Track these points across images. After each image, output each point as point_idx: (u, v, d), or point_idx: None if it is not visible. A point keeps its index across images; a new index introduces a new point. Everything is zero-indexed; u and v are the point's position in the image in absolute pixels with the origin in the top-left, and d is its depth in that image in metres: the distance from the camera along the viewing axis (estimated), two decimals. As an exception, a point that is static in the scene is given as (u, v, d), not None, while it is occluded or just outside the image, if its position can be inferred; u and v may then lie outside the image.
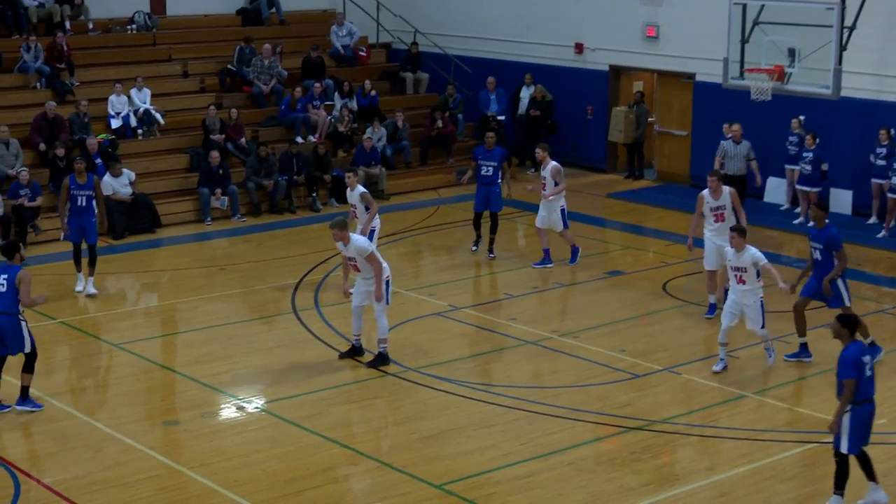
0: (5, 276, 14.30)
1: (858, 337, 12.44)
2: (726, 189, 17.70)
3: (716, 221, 17.65)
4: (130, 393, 15.33)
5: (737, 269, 15.68)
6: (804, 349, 16.20)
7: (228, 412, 14.88)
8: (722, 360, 15.95)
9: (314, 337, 17.31)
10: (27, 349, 14.43)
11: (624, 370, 15.94)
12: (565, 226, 20.44)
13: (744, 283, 15.66)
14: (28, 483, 12.69)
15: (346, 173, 19.47)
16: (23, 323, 14.39)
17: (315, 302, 18.89)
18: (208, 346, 17.08)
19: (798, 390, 15.26)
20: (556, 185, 20.16)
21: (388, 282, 15.96)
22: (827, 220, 16.11)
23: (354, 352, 16.43)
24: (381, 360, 16.10)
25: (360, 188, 19.22)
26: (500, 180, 21.08)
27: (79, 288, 19.39)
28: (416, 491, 12.54)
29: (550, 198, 20.23)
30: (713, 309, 17.67)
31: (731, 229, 15.97)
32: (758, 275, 15.64)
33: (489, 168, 20.93)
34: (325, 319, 17.98)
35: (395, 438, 14.02)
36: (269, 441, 13.83)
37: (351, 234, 15.83)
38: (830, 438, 13.62)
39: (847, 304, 15.75)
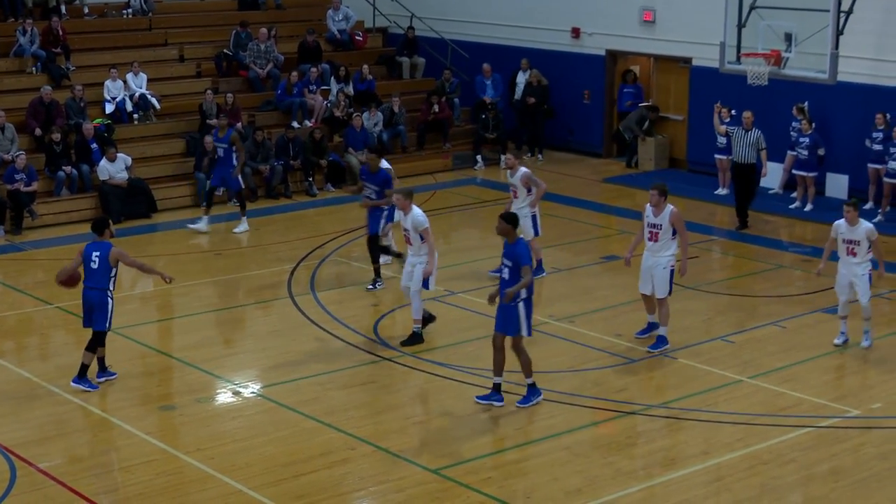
0: (97, 253, 14.63)
1: None
2: (670, 208, 15.81)
3: (650, 240, 15.97)
4: (127, 378, 15.31)
5: (850, 241, 15.78)
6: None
7: (225, 397, 14.88)
8: (843, 333, 16.20)
9: (310, 322, 17.31)
10: (107, 326, 14.81)
11: (620, 355, 15.94)
12: (536, 233, 18.93)
13: (855, 255, 15.78)
14: (25, 468, 12.68)
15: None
16: (109, 301, 14.70)
17: (311, 287, 18.88)
18: (204, 331, 17.08)
19: (794, 374, 15.25)
20: (529, 191, 18.84)
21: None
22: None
23: (427, 320, 16.56)
24: (414, 339, 16.26)
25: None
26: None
27: (196, 226, 21.48)
28: (412, 475, 12.54)
29: (522, 206, 18.76)
30: (651, 328, 16.44)
31: (847, 204, 15.95)
32: (868, 248, 15.76)
33: (371, 192, 18.58)
34: (322, 304, 17.98)
35: (391, 423, 14.01)
36: (266, 426, 13.83)
37: (414, 206, 16.12)
38: (828, 423, 13.69)
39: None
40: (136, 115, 25.52)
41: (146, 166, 24.30)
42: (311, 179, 25.27)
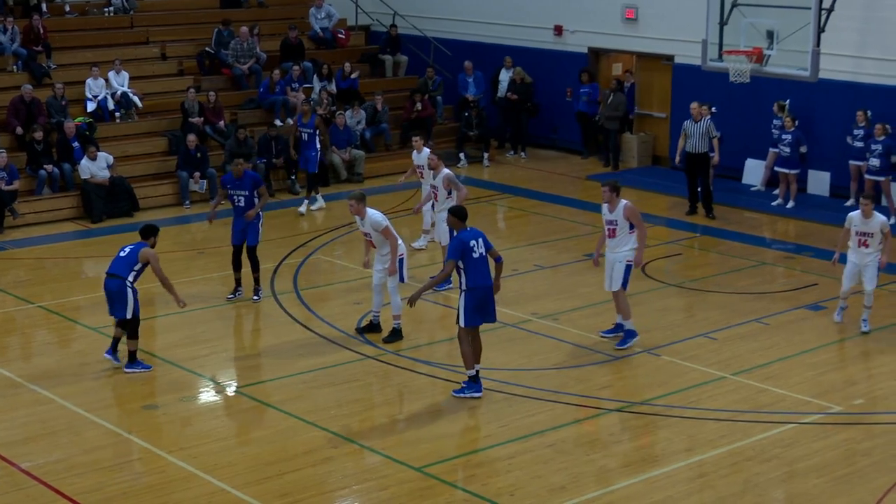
0: (132, 247, 15.42)
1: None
2: (623, 203, 15.80)
3: (609, 237, 15.98)
4: (109, 377, 15.27)
5: (863, 233, 16.34)
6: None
7: (208, 396, 14.86)
8: (841, 307, 16.86)
9: (293, 320, 17.29)
10: (129, 315, 15.09)
11: (603, 352, 15.95)
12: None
13: (867, 246, 16.36)
14: (6, 468, 12.63)
15: (414, 137, 20.20)
16: (129, 291, 15.05)
17: (294, 285, 18.85)
18: (187, 329, 17.04)
19: (777, 371, 15.29)
20: (449, 194, 18.50)
21: (402, 259, 16.16)
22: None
23: (372, 328, 16.61)
24: (395, 335, 16.31)
25: (426, 150, 19.51)
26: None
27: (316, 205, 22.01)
28: (395, 473, 12.54)
29: (442, 209, 18.42)
30: (618, 328, 16.33)
31: (863, 198, 16.43)
32: (881, 240, 16.27)
33: (240, 198, 17.94)
34: (305, 302, 17.96)
35: (374, 421, 14.01)
36: (249, 424, 13.82)
37: (368, 208, 16.07)
38: (810, 419, 13.73)
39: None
40: (117, 114, 25.45)
41: (128, 165, 24.23)
42: (293, 177, 25.23)
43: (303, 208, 23.51)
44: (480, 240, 14.24)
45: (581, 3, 28.21)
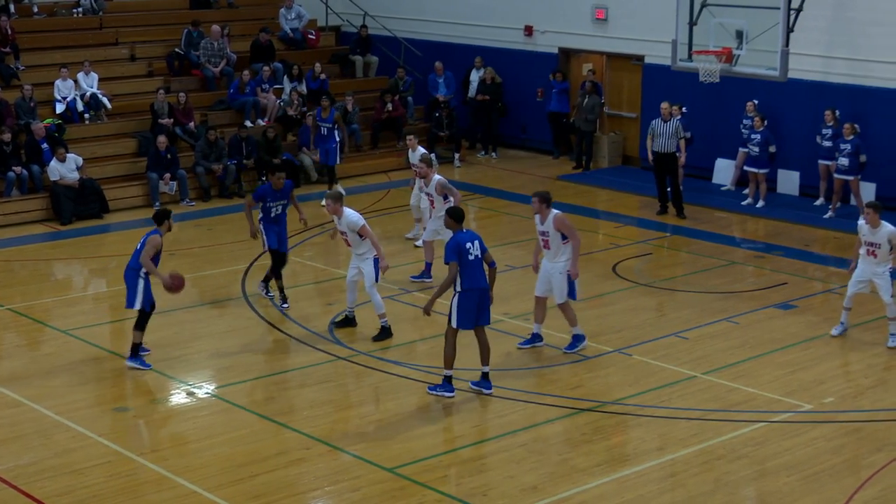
0: (144, 236, 15.32)
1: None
2: (553, 214, 15.57)
3: (544, 247, 15.87)
4: (80, 379, 15.20)
5: (871, 243, 15.89)
6: None
7: (179, 398, 14.80)
8: (842, 323, 16.44)
9: (265, 321, 17.25)
10: (137, 307, 15.16)
11: (575, 352, 15.97)
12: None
13: (875, 256, 15.89)
14: (-24, 471, 12.58)
15: (408, 136, 20.96)
16: (141, 281, 15.12)
17: (265, 287, 18.79)
18: (158, 331, 16.95)
19: (747, 370, 15.36)
20: (445, 198, 18.46)
21: (376, 259, 16.23)
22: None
23: (347, 322, 16.71)
24: (384, 333, 16.40)
25: (421, 149, 20.22)
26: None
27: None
28: (368, 474, 12.53)
29: (440, 214, 18.10)
30: (536, 339, 16.17)
31: (867, 205, 16.02)
32: (890, 250, 15.86)
33: (279, 207, 17.66)
34: (276, 304, 17.91)
35: (346, 422, 14.00)
36: (221, 426, 13.78)
37: (344, 208, 16.13)
38: (781, 418, 13.81)
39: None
40: (87, 115, 25.33)
41: (97, 166, 24.12)
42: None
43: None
44: (476, 242, 14.27)
45: (551, 4, 28.26)
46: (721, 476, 12.51)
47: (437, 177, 18.77)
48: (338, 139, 24.79)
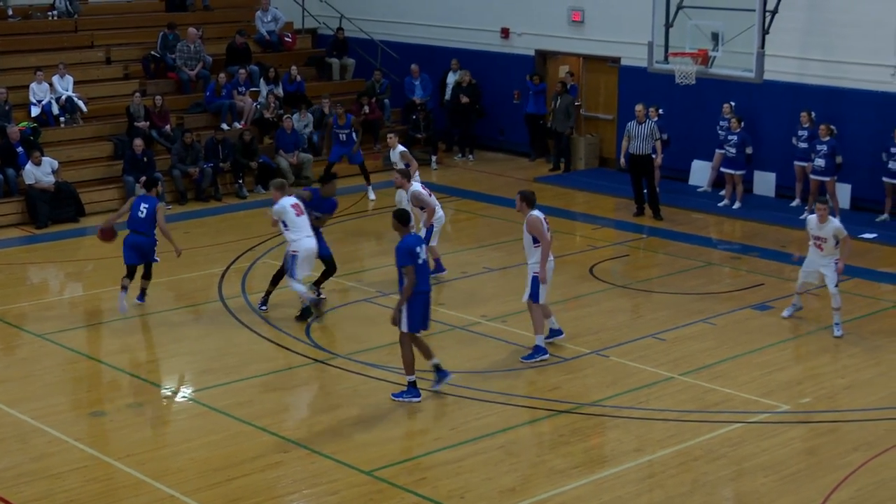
0: (146, 205, 17.54)
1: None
2: (529, 214, 15.66)
3: (525, 248, 16.05)
4: (56, 384, 15.15)
5: (818, 237, 16.59)
6: None
7: (156, 402, 14.75)
8: (794, 305, 17.27)
9: (242, 324, 17.21)
10: (157, 258, 17.89)
11: (552, 353, 15.98)
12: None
13: (821, 249, 16.60)
14: (-48, 477, 12.51)
15: (388, 135, 21.89)
16: (156, 241, 17.67)
17: (242, 289, 18.77)
18: (135, 335, 16.93)
19: (724, 371, 15.40)
20: (422, 209, 18.59)
21: (294, 256, 16.73)
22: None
23: (304, 314, 17.34)
24: (305, 313, 17.21)
25: (401, 147, 21.04)
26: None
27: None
28: (345, 477, 12.51)
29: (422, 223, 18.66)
30: (554, 335, 16.33)
31: (819, 202, 16.66)
32: (836, 244, 16.46)
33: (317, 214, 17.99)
34: (253, 307, 17.88)
35: (324, 425, 13.97)
36: (198, 430, 13.73)
37: (284, 198, 16.94)
38: (758, 418, 13.86)
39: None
40: (62, 118, 25.23)
41: (73, 170, 24.03)
42: (241, 181, 25.14)
43: (371, 195, 24.88)
44: (423, 246, 14.32)
45: (527, 6, 28.30)
46: (699, 477, 12.53)
47: (413, 187, 18.65)
48: (355, 141, 25.10)
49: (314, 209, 17.61)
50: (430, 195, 18.76)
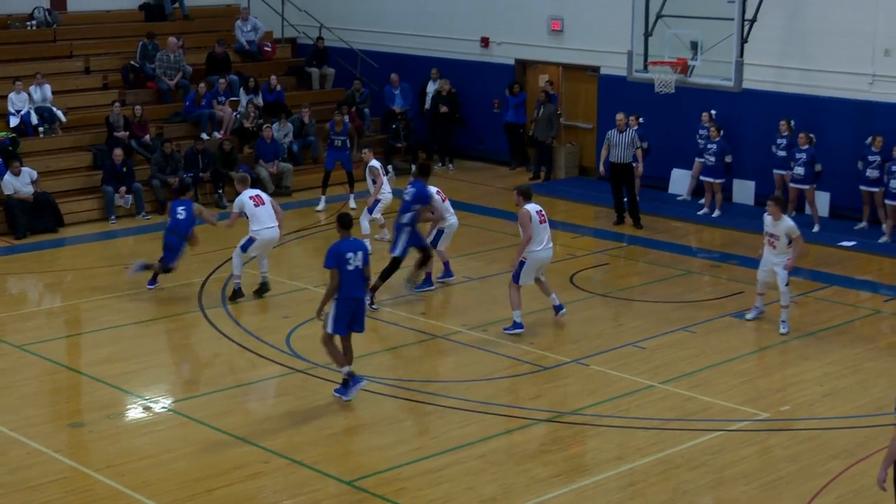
0: (183, 208, 18.89)
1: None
2: (524, 208, 16.99)
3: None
4: (35, 395, 15.09)
5: (770, 234, 16.92)
6: None
7: (135, 412, 14.71)
8: (756, 307, 17.52)
9: (222, 335, 17.17)
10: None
11: (532, 363, 16.00)
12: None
13: (774, 248, 16.93)
14: (-71, 489, 12.44)
15: (363, 150, 22.30)
16: (184, 245, 18.88)
17: (222, 299, 18.73)
18: (114, 345, 16.87)
19: (705, 379, 15.42)
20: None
21: (251, 240, 18.25)
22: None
23: (263, 288, 18.82)
24: (235, 294, 18.55)
25: (372, 162, 21.65)
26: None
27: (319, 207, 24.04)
28: (326, 487, 12.49)
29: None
30: (556, 310, 17.55)
31: (770, 199, 17.05)
32: (789, 243, 16.75)
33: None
34: (232, 316, 17.85)
35: (304, 435, 13.93)
36: (178, 441, 13.69)
37: (246, 191, 18.44)
38: (738, 426, 13.88)
39: None
40: (41, 129, 25.14)
41: (52, 180, 23.94)
42: (221, 191, 25.08)
43: (352, 203, 24.94)
44: (360, 253, 14.39)
45: (507, 15, 28.33)
46: (679, 485, 12.54)
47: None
48: (349, 147, 25.37)
49: (414, 202, 18.41)
50: (445, 200, 19.32)
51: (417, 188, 18.59)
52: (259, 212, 18.17)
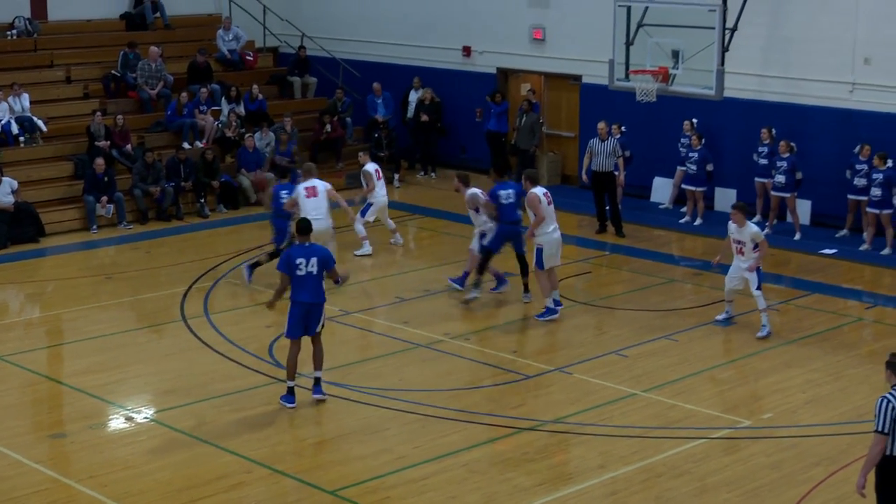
0: (286, 192, 19.46)
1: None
2: (533, 192, 18.05)
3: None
4: (16, 406, 15.03)
5: (737, 241, 17.25)
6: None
7: (117, 423, 14.65)
8: (727, 312, 17.85)
9: (204, 345, 17.12)
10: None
11: (516, 371, 16.00)
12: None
13: (742, 254, 17.26)
14: None
15: (360, 152, 23.13)
16: (289, 225, 19.00)
17: (205, 309, 18.68)
18: (96, 356, 16.80)
19: (687, 387, 15.44)
20: (477, 211, 19.55)
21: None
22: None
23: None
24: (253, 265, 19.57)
25: (367, 166, 22.00)
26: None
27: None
28: (309, 497, 12.46)
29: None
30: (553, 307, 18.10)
31: (734, 206, 17.43)
32: (755, 247, 17.06)
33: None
34: (215, 327, 17.80)
35: (287, 445, 13.91)
36: (160, 451, 13.64)
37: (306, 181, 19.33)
38: (720, 434, 13.90)
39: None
40: (21, 138, 25.05)
41: (33, 189, 23.85)
42: (203, 201, 25.03)
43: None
44: (314, 259, 14.53)
45: (489, 24, 28.36)
46: (662, 493, 12.55)
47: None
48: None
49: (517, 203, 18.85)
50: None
51: (513, 189, 19.00)
52: (307, 203, 18.94)
